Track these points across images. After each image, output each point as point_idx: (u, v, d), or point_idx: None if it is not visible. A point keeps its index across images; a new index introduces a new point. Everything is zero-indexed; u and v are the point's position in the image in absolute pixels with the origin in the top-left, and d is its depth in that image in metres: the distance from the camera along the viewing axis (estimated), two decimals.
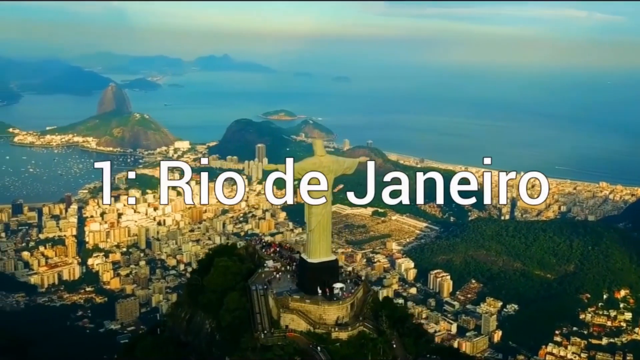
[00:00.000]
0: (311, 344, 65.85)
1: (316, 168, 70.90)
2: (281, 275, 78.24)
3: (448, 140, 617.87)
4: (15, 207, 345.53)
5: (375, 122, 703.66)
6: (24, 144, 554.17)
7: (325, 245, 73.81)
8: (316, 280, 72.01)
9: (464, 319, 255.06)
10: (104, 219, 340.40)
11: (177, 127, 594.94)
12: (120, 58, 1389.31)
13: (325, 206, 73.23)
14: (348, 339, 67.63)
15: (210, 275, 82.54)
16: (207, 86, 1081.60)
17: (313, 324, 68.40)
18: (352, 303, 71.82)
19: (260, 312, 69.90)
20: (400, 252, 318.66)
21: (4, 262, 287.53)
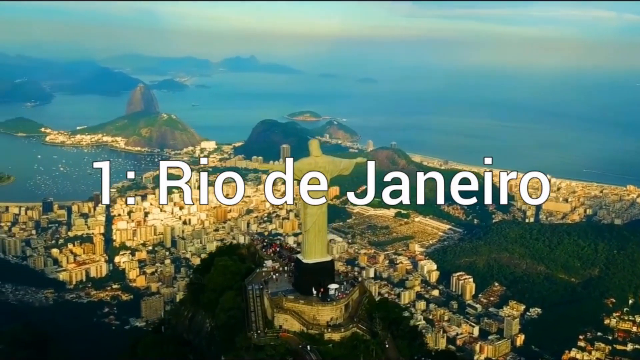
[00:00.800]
0: (300, 343, 65.39)
1: (312, 168, 70.42)
2: (279, 276, 77.93)
3: (473, 142, 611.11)
4: (46, 205, 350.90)
5: (399, 123, 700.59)
6: (55, 143, 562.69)
7: (320, 246, 73.35)
8: (311, 280, 71.59)
9: (486, 322, 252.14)
10: (131, 217, 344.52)
11: (204, 127, 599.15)
12: (149, 59, 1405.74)
13: (321, 207, 72.76)
14: (341, 340, 67.06)
15: (210, 275, 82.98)
16: (234, 87, 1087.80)
17: (306, 324, 68.00)
18: (346, 304, 71.16)
19: (255, 312, 69.93)
20: (422, 254, 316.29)
21: (34, 259, 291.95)
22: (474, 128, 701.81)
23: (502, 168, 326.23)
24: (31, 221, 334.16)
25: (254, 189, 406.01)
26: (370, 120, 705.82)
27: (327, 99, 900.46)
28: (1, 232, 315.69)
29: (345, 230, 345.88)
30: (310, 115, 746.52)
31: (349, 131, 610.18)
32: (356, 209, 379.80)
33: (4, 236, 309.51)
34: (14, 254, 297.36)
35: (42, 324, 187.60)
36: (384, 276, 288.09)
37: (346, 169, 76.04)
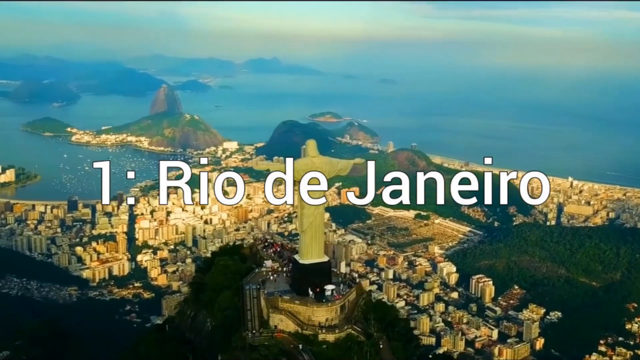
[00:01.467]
0: (292, 343, 65.12)
1: (309, 169, 69.97)
2: (277, 276, 77.73)
3: (494, 143, 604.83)
4: (71, 203, 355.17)
5: (420, 124, 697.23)
6: (81, 143, 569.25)
7: (317, 247, 72.71)
8: (307, 281, 71.17)
9: (506, 325, 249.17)
10: (153, 216, 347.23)
11: (226, 127, 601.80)
12: (174, 60, 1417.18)
13: (318, 207, 72.27)
14: (335, 341, 66.55)
15: (211, 274, 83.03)
16: (256, 88, 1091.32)
17: (301, 324, 67.62)
18: (342, 305, 70.50)
19: (251, 312, 69.91)
20: (442, 255, 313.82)
21: (58, 256, 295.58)
22: (495, 130, 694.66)
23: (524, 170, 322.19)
24: (56, 219, 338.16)
25: (274, 189, 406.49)
26: (390, 121, 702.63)
27: (348, 100, 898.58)
28: (27, 230, 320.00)
29: (365, 231, 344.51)
30: (331, 116, 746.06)
31: (370, 132, 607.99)
32: (376, 210, 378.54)
33: (30, 234, 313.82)
34: (40, 252, 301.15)
35: (64, 320, 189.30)
36: (403, 278, 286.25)
37: (343, 170, 75.84)
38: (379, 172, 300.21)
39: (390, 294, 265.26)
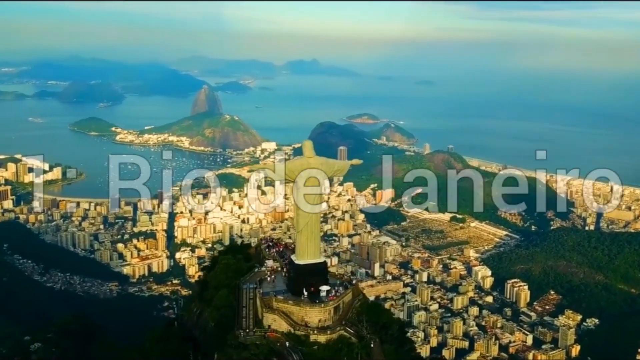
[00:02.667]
0: (279, 341, 64.79)
1: (304, 169, 69.70)
2: (275, 276, 77.24)
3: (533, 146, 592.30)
4: (113, 201, 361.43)
5: (457, 126, 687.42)
6: (125, 142, 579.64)
7: (313, 247, 72.18)
8: (302, 281, 70.52)
9: (541, 330, 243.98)
10: (192, 215, 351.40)
11: (265, 128, 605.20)
12: (216, 62, 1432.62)
13: (314, 208, 71.87)
14: (327, 342, 65.77)
15: (213, 272, 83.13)
16: (296, 89, 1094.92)
17: (293, 325, 67.06)
18: (336, 306, 69.71)
19: (246, 311, 69.70)
20: (477, 259, 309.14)
21: (100, 253, 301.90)
22: (534, 132, 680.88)
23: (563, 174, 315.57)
24: (100, 216, 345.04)
25: None
26: (427, 123, 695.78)
27: (385, 102, 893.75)
28: (72, 226, 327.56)
29: (400, 233, 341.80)
30: (368, 117, 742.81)
31: (406, 134, 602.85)
32: (411, 212, 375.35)
33: (75, 230, 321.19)
34: (83, 248, 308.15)
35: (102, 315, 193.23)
36: (437, 281, 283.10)
37: (341, 170, 76.07)
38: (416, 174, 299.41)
39: (423, 297, 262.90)
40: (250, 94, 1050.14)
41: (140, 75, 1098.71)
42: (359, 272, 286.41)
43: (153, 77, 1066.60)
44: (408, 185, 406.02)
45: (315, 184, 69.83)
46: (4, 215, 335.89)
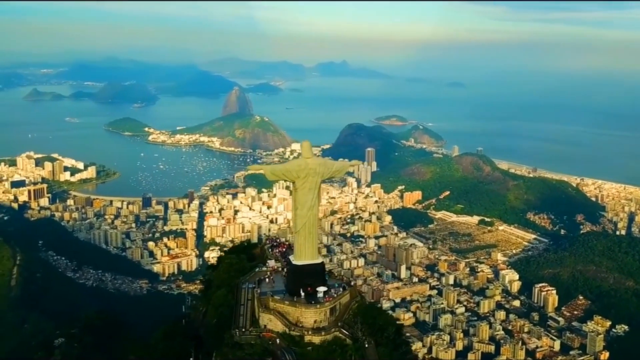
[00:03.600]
0: (271, 339, 64.45)
1: (301, 170, 68.88)
2: (273, 276, 76.87)
3: (565, 149, 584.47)
4: (145, 200, 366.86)
5: (487, 129, 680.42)
6: (157, 142, 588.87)
7: (310, 248, 71.33)
8: (300, 282, 69.98)
9: (569, 336, 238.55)
10: (221, 215, 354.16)
11: (295, 129, 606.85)
12: (247, 63, 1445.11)
13: (311, 209, 70.43)
14: (321, 343, 65.08)
15: (216, 272, 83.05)
16: (325, 91, 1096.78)
17: (288, 325, 66.58)
18: (332, 308, 68.94)
19: (244, 310, 69.76)
20: (505, 263, 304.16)
21: (132, 250, 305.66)
22: (566, 135, 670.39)
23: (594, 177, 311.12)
24: (132, 215, 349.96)
25: (338, 190, 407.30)
26: (457, 125, 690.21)
27: (414, 103, 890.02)
28: (105, 224, 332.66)
29: (427, 236, 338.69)
30: (397, 119, 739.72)
31: (435, 136, 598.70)
32: (438, 214, 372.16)
33: (107, 228, 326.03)
34: (115, 245, 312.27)
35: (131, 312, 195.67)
36: (464, 284, 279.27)
37: (339, 171, 74.80)
38: (443, 176, 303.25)
39: (450, 300, 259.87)
40: (281, 96, 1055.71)
41: (174, 77, 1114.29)
42: (384, 274, 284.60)
43: (186, 78, 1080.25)
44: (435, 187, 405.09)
45: (313, 185, 69.18)
46: (40, 213, 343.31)
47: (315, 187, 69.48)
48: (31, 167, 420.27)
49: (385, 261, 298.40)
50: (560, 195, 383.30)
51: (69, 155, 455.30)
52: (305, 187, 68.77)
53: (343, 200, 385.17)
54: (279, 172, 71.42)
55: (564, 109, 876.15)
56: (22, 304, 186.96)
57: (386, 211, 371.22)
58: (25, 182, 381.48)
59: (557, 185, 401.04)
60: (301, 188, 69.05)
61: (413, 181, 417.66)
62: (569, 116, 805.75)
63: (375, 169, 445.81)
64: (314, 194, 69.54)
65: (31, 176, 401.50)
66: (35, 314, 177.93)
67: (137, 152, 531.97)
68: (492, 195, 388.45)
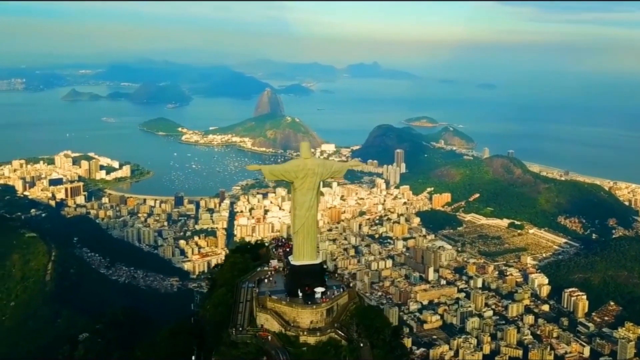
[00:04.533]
0: (270, 341, 64.07)
1: (300, 170, 68.38)
2: (274, 276, 76.41)
3: (598, 152, 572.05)
4: (177, 199, 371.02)
5: (519, 130, 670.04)
6: (190, 142, 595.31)
7: (309, 249, 70.66)
8: (298, 282, 69.48)
9: (599, 342, 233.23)
10: (252, 214, 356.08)
11: (325, 130, 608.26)
12: (279, 64, 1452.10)
13: (310, 209, 69.63)
14: (316, 344, 64.39)
15: (220, 271, 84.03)
16: (356, 92, 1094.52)
17: (284, 325, 66.08)
18: (329, 309, 68.19)
19: (242, 308, 69.64)
20: (534, 267, 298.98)
21: (163, 248, 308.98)
22: (598, 138, 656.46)
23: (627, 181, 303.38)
24: (164, 213, 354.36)
25: (367, 191, 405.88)
26: (488, 127, 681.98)
27: (445, 105, 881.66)
28: (138, 222, 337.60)
29: (455, 238, 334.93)
30: (427, 120, 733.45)
31: (465, 137, 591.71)
32: (468, 217, 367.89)
33: (140, 226, 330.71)
34: (147, 243, 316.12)
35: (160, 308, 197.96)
36: (492, 287, 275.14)
37: (338, 172, 74.12)
38: (473, 178, 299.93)
39: (478, 303, 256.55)
40: (312, 97, 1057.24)
41: (207, 78, 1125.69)
42: (412, 275, 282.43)
43: (219, 79, 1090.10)
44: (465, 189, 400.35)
45: (312, 186, 68.67)
46: (76, 210, 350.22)
47: (314, 187, 68.97)
48: (68, 165, 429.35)
49: (413, 263, 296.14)
50: (592, 198, 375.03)
51: (105, 154, 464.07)
52: (304, 188, 68.32)
53: (372, 201, 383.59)
54: (277, 172, 70.99)
55: (596, 111, 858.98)
56: (56, 299, 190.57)
57: (415, 213, 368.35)
58: (62, 180, 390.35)
59: (589, 188, 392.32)
60: (300, 188, 68.62)
61: (442, 183, 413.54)
62: (601, 118, 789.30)
63: (404, 170, 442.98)
64: (313, 194, 68.97)
65: (68, 174, 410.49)
66: (68, 309, 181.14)
67: (170, 151, 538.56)
68: (522, 198, 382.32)
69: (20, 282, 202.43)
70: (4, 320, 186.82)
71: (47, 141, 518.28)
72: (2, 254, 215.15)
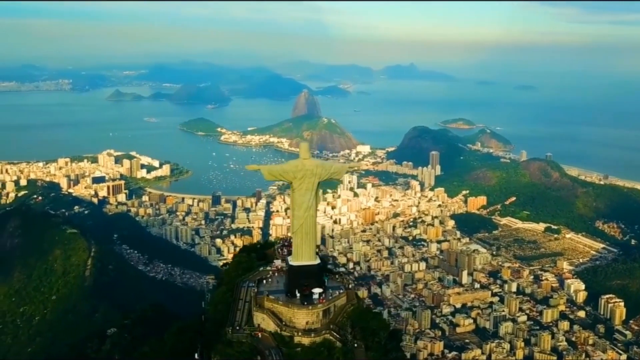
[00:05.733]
0: (265, 340, 63.81)
1: (298, 170, 67.89)
2: (274, 276, 76.01)
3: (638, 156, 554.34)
4: (215, 198, 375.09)
5: (557, 133, 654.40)
6: (228, 142, 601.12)
7: (307, 249, 70.00)
8: (295, 282, 69.00)
9: (636, 350, 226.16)
10: (287, 214, 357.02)
11: (360, 131, 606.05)
12: (317, 66, 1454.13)
13: (308, 210, 69.01)
14: (310, 344, 63.73)
15: (226, 269, 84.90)
16: (392, 94, 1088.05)
17: (280, 325, 65.58)
18: (326, 310, 67.39)
19: (241, 307, 69.62)
20: (571, 272, 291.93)
21: (200, 247, 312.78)
22: None
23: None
24: (202, 212, 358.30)
25: (401, 193, 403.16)
26: (526, 129, 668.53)
27: (482, 107, 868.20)
28: (176, 221, 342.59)
29: (490, 242, 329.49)
30: (464, 122, 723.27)
31: (502, 140, 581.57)
32: (503, 220, 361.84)
33: (178, 224, 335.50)
34: (185, 241, 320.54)
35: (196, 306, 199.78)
36: (527, 292, 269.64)
37: (337, 173, 73.14)
38: (509, 181, 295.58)
39: (512, 307, 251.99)
40: (348, 98, 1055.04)
41: (246, 79, 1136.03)
42: (446, 278, 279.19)
43: (257, 80, 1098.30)
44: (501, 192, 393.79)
45: (310, 186, 68.19)
46: (117, 208, 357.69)
47: (312, 188, 68.52)
48: (111, 164, 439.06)
49: (447, 266, 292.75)
50: (631, 203, 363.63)
51: (146, 153, 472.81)
52: (302, 188, 67.99)
53: (406, 203, 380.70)
54: (276, 172, 70.66)
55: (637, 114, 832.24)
56: (94, 294, 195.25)
57: (449, 215, 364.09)
58: (105, 179, 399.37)
59: (628, 193, 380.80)
60: (298, 189, 68.32)
61: (478, 186, 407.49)
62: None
63: (439, 172, 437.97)
64: (311, 195, 68.57)
65: (111, 173, 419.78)
66: (105, 304, 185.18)
67: (209, 151, 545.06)
68: (559, 203, 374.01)
69: (62, 277, 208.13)
70: (46, 313, 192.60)
71: (91, 140, 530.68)
72: (45, 249, 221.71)
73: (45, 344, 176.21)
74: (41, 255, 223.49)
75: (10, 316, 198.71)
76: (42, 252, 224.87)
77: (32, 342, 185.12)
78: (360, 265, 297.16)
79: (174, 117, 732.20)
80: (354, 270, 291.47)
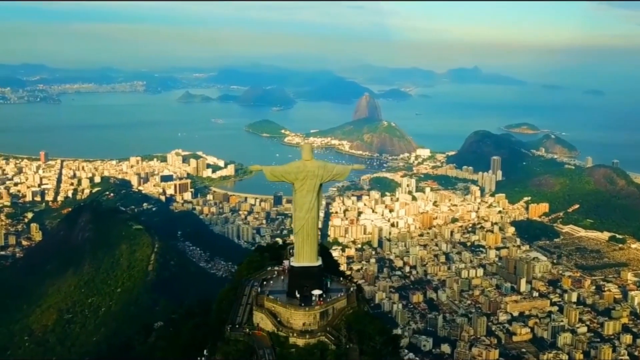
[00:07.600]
0: (262, 340, 63.59)
1: (299, 171, 67.02)
2: (279, 276, 75.20)
3: None
4: (276, 198, 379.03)
5: (625, 139, 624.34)
6: (292, 144, 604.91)
7: (309, 251, 68.63)
8: (296, 284, 68.00)
9: None
10: (345, 215, 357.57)
11: (420, 135, 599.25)
12: (379, 69, 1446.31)
13: (310, 211, 67.76)
14: (304, 346, 62.76)
15: (238, 269, 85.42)
16: (454, 97, 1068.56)
17: (277, 325, 64.87)
18: (324, 312, 66.08)
19: (243, 305, 69.50)
20: (635, 283, 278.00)
21: None
22: None
23: None
24: (263, 212, 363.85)
25: (461, 198, 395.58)
26: (593, 135, 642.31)
27: (548, 111, 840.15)
28: (239, 220, 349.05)
29: (551, 250, 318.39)
30: (528, 127, 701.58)
31: (568, 146, 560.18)
32: (565, 228, 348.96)
33: (240, 223, 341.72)
34: (246, 240, 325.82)
35: None
36: (588, 302, 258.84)
37: (340, 175, 71.47)
38: (573, 188, 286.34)
39: (571, 318, 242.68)
40: (410, 102, 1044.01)
41: (310, 82, 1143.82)
42: (504, 286, 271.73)
43: (321, 83, 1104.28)
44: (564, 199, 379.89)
45: (312, 187, 67.29)
46: (183, 206, 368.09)
47: (314, 189, 67.74)
48: (179, 163, 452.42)
49: (505, 273, 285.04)
50: None
51: (212, 153, 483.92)
52: (304, 189, 67.38)
53: (465, 208, 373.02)
54: (278, 173, 70.01)
55: None
56: (155, 288, 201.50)
57: (509, 222, 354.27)
58: (172, 177, 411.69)
59: None
60: (300, 190, 67.76)
61: (540, 192, 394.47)
62: None
63: (501, 178, 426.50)
64: (313, 196, 67.79)
65: (178, 172, 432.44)
66: (166, 298, 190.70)
67: (272, 152, 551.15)
68: (625, 211, 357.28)
69: (127, 271, 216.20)
70: (111, 305, 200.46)
71: (161, 140, 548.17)
72: (112, 244, 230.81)
73: (109, 334, 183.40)
74: (109, 249, 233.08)
75: (79, 306, 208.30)
76: (110, 246, 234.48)
77: (97, 332, 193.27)
78: (417, 269, 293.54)
79: (240, 119, 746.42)
80: (410, 274, 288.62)
